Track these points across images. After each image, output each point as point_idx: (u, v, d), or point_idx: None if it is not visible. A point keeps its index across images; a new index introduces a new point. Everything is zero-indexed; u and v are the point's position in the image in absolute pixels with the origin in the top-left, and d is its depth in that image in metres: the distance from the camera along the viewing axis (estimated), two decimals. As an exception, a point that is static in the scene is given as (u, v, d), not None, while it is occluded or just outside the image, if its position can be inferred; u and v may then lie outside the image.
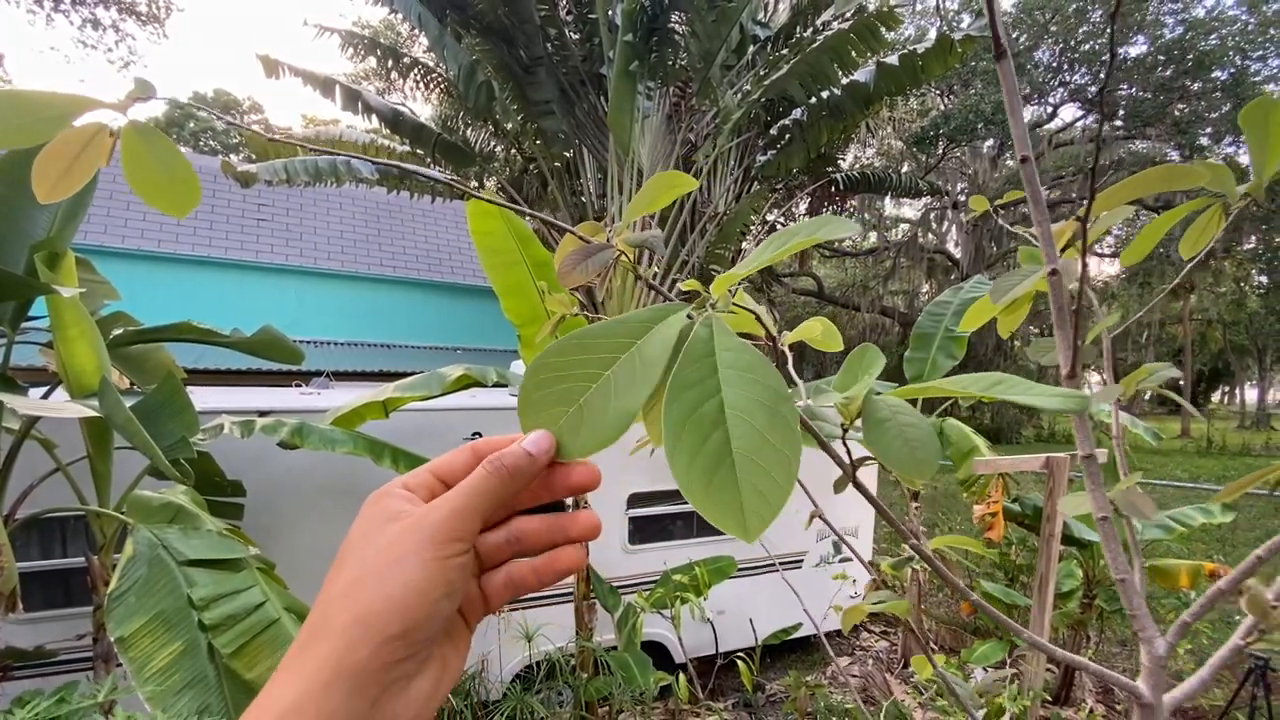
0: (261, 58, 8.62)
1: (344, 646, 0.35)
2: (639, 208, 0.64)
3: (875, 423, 0.44)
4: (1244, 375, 31.69)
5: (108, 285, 2.81)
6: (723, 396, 0.39)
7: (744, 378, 0.40)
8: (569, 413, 0.42)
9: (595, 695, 3.80)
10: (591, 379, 0.43)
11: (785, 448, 0.37)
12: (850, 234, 0.47)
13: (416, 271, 12.29)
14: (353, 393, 3.68)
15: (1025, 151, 0.59)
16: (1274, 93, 14.81)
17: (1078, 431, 0.63)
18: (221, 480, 3.03)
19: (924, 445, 0.42)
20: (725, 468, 0.37)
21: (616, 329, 0.45)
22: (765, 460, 0.37)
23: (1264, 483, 0.67)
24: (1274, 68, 14.69)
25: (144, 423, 2.00)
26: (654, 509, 4.70)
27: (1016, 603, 4.77)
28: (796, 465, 0.37)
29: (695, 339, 0.43)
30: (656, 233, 0.57)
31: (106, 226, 9.80)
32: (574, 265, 0.55)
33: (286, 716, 0.34)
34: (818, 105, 8.18)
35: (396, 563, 0.37)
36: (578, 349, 0.44)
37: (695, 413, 0.39)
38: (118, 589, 2.12)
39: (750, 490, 0.36)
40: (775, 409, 0.38)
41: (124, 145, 0.71)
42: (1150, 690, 0.59)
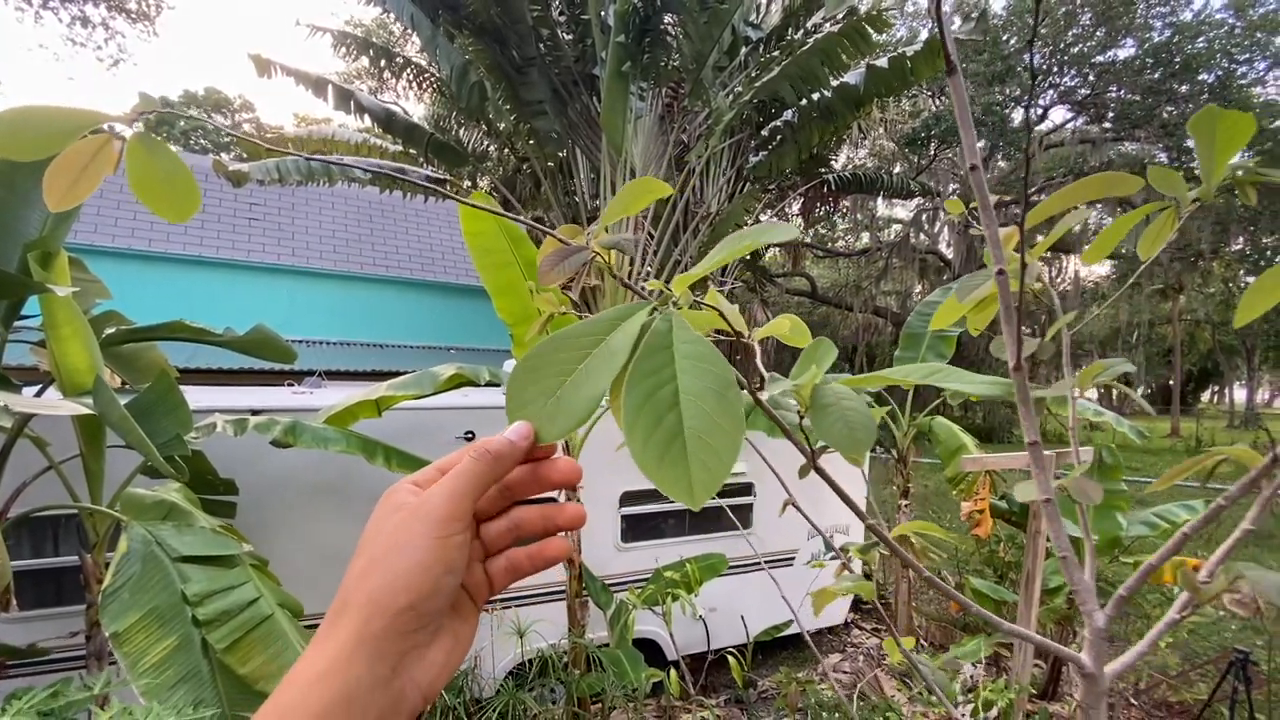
0: (253, 57, 8.60)
1: (362, 620, 0.40)
2: (615, 211, 0.68)
3: (820, 407, 0.49)
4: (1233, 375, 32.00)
5: (100, 284, 2.82)
6: (678, 383, 0.45)
7: (698, 367, 0.45)
8: (547, 403, 0.47)
9: (587, 692, 3.83)
10: (567, 372, 0.48)
11: (731, 428, 0.43)
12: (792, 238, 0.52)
13: (409, 271, 12.28)
14: (345, 392, 3.70)
15: (974, 160, 0.63)
16: (1260, 95, 14.98)
17: (1024, 421, 0.68)
18: (214, 479, 3.05)
19: (861, 427, 0.46)
20: (677, 445, 0.42)
21: (589, 327, 0.50)
22: (713, 439, 0.42)
23: (1198, 473, 0.72)
24: (1259, 71, 14.87)
25: (138, 420, 2.03)
26: (646, 507, 4.74)
27: (1005, 599, 4.83)
28: (739, 443, 0.42)
29: (654, 332, 0.48)
30: (629, 236, 0.61)
31: (98, 226, 9.75)
32: (552, 265, 0.59)
33: (316, 683, 0.39)
34: (808, 107, 8.24)
35: (402, 545, 0.42)
36: (556, 348, 0.50)
37: (652, 397, 0.44)
38: (112, 585, 2.14)
39: (698, 464, 0.41)
40: (724, 395, 0.43)
41: (129, 155, 0.75)
42: (1093, 661, 0.63)
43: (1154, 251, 1.01)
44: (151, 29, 15.79)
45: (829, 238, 23.05)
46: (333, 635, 0.41)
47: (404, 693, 0.41)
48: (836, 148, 13.12)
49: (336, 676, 0.39)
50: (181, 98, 26.05)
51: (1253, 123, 0.94)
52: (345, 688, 0.39)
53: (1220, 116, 0.92)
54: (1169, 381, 28.27)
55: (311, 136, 9.42)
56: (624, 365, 0.46)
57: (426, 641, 0.43)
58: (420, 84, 10.24)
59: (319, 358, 9.27)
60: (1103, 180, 0.70)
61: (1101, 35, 14.91)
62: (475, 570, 0.48)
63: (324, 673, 0.39)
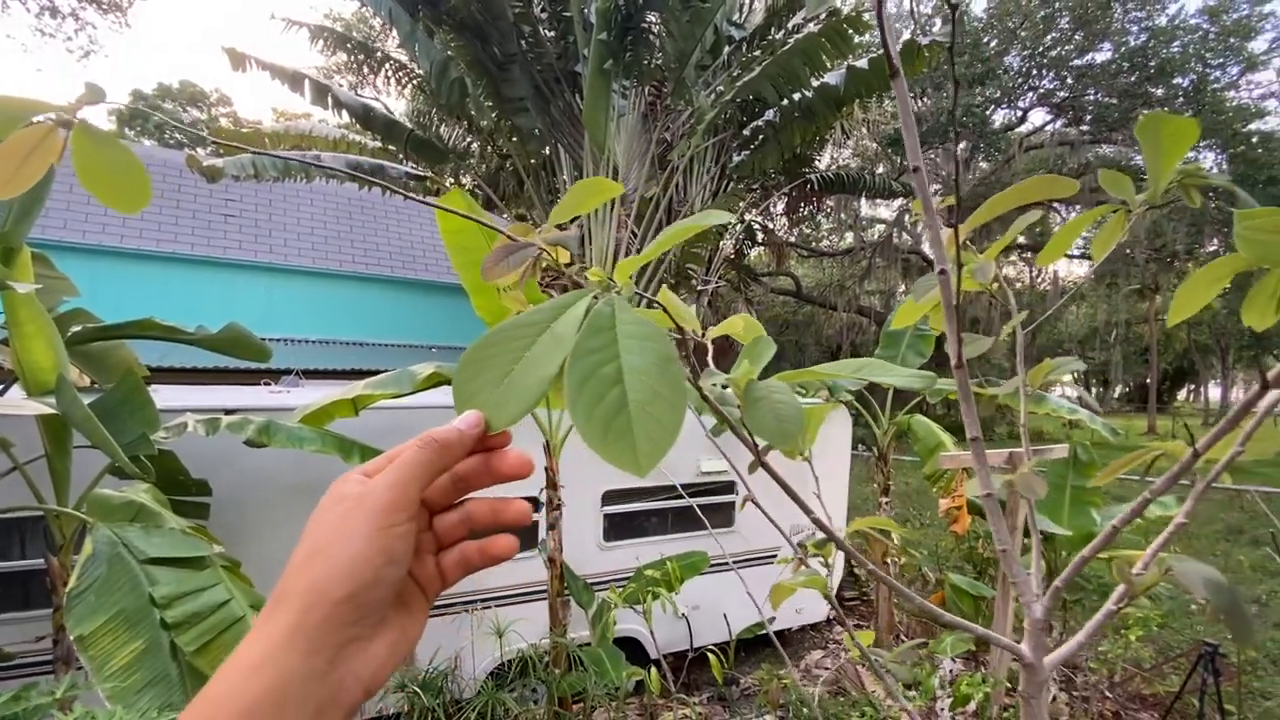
0: (228, 51, 8.46)
1: (300, 610, 0.39)
2: (564, 211, 0.68)
3: (752, 400, 0.50)
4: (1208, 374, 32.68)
5: (66, 281, 2.77)
6: (621, 360, 0.46)
7: (641, 345, 0.47)
8: (495, 392, 0.48)
9: (569, 691, 3.83)
10: (514, 360, 0.49)
11: (674, 399, 0.44)
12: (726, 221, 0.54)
13: (389, 268, 12.16)
14: (323, 391, 3.66)
15: (916, 162, 0.64)
16: (1233, 100, 15.29)
17: (965, 417, 0.69)
18: (186, 479, 3.01)
19: (790, 419, 0.47)
20: (622, 416, 0.43)
21: (534, 316, 0.51)
22: (657, 410, 0.43)
23: (1142, 465, 0.73)
24: (1232, 75, 15.18)
25: (103, 420, 1.99)
26: (628, 506, 4.74)
27: (983, 594, 4.90)
28: (683, 412, 0.44)
29: (597, 314, 0.49)
30: (572, 233, 0.61)
31: (66, 221, 9.54)
32: (496, 262, 0.59)
33: (249, 675, 0.38)
34: (790, 107, 8.28)
35: (344, 535, 0.41)
36: (503, 339, 0.50)
37: (595, 374, 0.46)
38: (76, 588, 2.10)
39: (643, 435, 0.42)
40: (666, 368, 0.45)
41: (74, 145, 0.73)
42: (1032, 651, 0.64)
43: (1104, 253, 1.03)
44: (124, 20, 15.47)
45: (813, 237, 23.19)
46: (269, 626, 0.40)
47: (343, 685, 0.40)
48: (820, 148, 13.20)
49: (271, 668, 0.38)
50: (156, 91, 25.56)
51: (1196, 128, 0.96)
52: (280, 679, 0.38)
53: (1165, 121, 0.94)
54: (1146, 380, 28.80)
55: (289, 132, 9.29)
56: (571, 349, 0.47)
57: (368, 634, 0.42)
58: (400, 80, 10.15)
59: (297, 356, 9.15)
60: (1040, 183, 0.71)
61: (1079, 39, 15.13)
62: (427, 563, 0.47)
63: (258, 664, 0.38)
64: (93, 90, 0.70)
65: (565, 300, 0.52)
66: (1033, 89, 16.42)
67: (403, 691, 3.55)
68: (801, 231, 21.28)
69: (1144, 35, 14.68)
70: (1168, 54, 14.22)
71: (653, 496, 4.78)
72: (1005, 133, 17.17)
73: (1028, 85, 16.21)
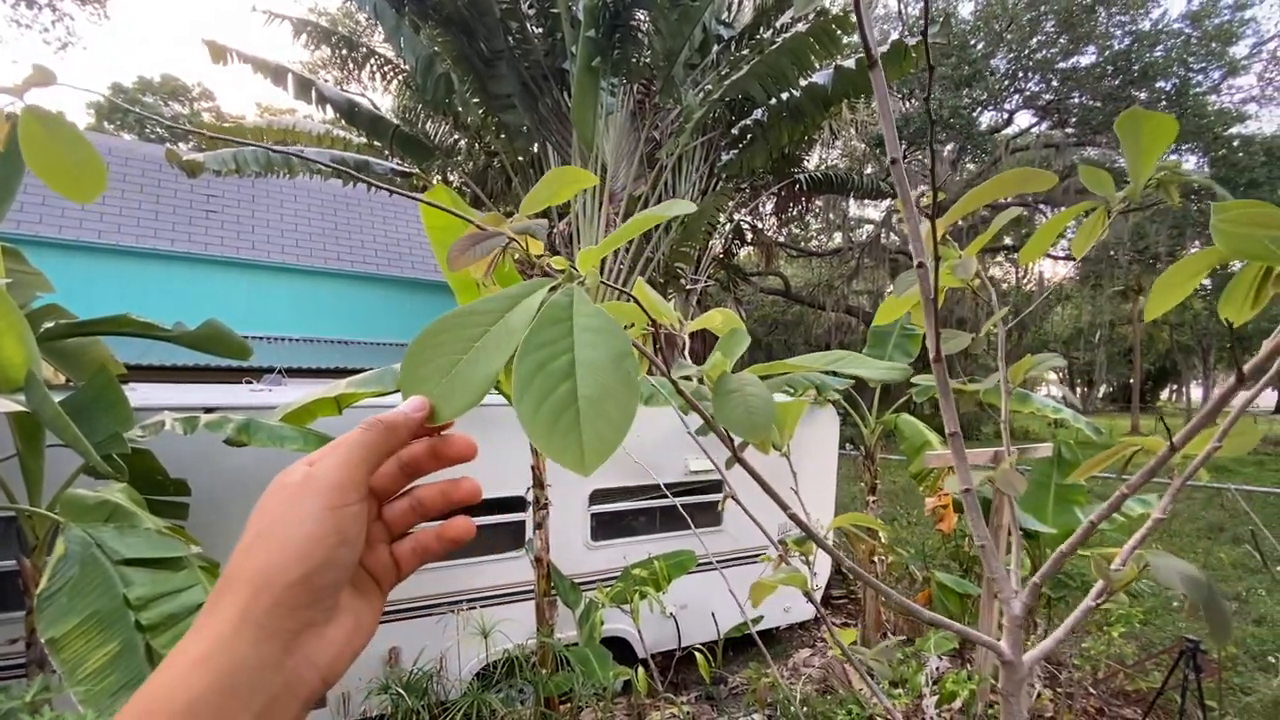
0: (208, 43, 8.34)
1: (249, 595, 0.37)
2: (536, 200, 0.66)
3: (723, 393, 0.49)
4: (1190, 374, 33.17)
5: (40, 276, 2.71)
6: (574, 354, 0.44)
7: (596, 339, 0.45)
8: (442, 382, 0.46)
9: (556, 691, 3.81)
10: (463, 350, 0.47)
11: (625, 396, 0.42)
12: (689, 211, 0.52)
13: (373, 266, 12.06)
14: (306, 389, 3.61)
15: (895, 154, 0.63)
16: (1214, 103, 15.52)
17: (944, 413, 0.68)
18: (164, 479, 2.95)
19: (760, 412, 0.46)
20: (570, 413, 0.42)
21: (487, 304, 0.49)
22: (607, 407, 0.42)
23: (1119, 460, 0.73)
24: (1214, 80, 15.41)
25: (75, 418, 1.94)
26: (616, 505, 4.73)
27: (969, 592, 4.93)
28: (633, 410, 0.42)
29: (553, 305, 0.47)
30: (540, 223, 0.60)
31: (42, 216, 9.36)
32: (462, 250, 0.57)
33: (194, 667, 0.35)
34: (778, 106, 8.30)
35: (292, 518, 0.40)
36: (454, 326, 0.49)
37: (545, 368, 0.44)
38: (48, 589, 2.06)
39: (591, 432, 0.41)
40: (619, 364, 0.43)
41: (22, 130, 0.70)
42: (1011, 649, 0.64)
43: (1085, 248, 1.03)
44: (102, 11, 15.22)
45: (802, 237, 23.28)
46: (214, 616, 0.37)
47: (299, 674, 0.38)
48: (808, 148, 13.24)
49: (218, 659, 0.36)
50: (136, 84, 25.15)
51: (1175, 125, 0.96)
52: (228, 670, 0.36)
53: (1145, 118, 0.93)
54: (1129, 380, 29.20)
55: (272, 127, 9.18)
56: (522, 341, 0.45)
57: (323, 619, 0.40)
58: (385, 75, 10.05)
59: (279, 354, 9.05)
60: (1017, 176, 0.70)
61: (1064, 42, 15.29)
62: (380, 552, 0.46)
63: (204, 655, 0.36)
64: (41, 72, 0.67)
65: (522, 289, 0.50)
66: (1019, 91, 16.58)
67: (387, 693, 3.52)
68: (790, 231, 21.35)
69: (1128, 39, 14.86)
70: (1151, 58, 14.40)
71: (640, 496, 4.77)
72: (991, 135, 17.32)
73: (1014, 88, 16.36)
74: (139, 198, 10.48)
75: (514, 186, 10.06)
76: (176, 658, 0.37)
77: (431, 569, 3.71)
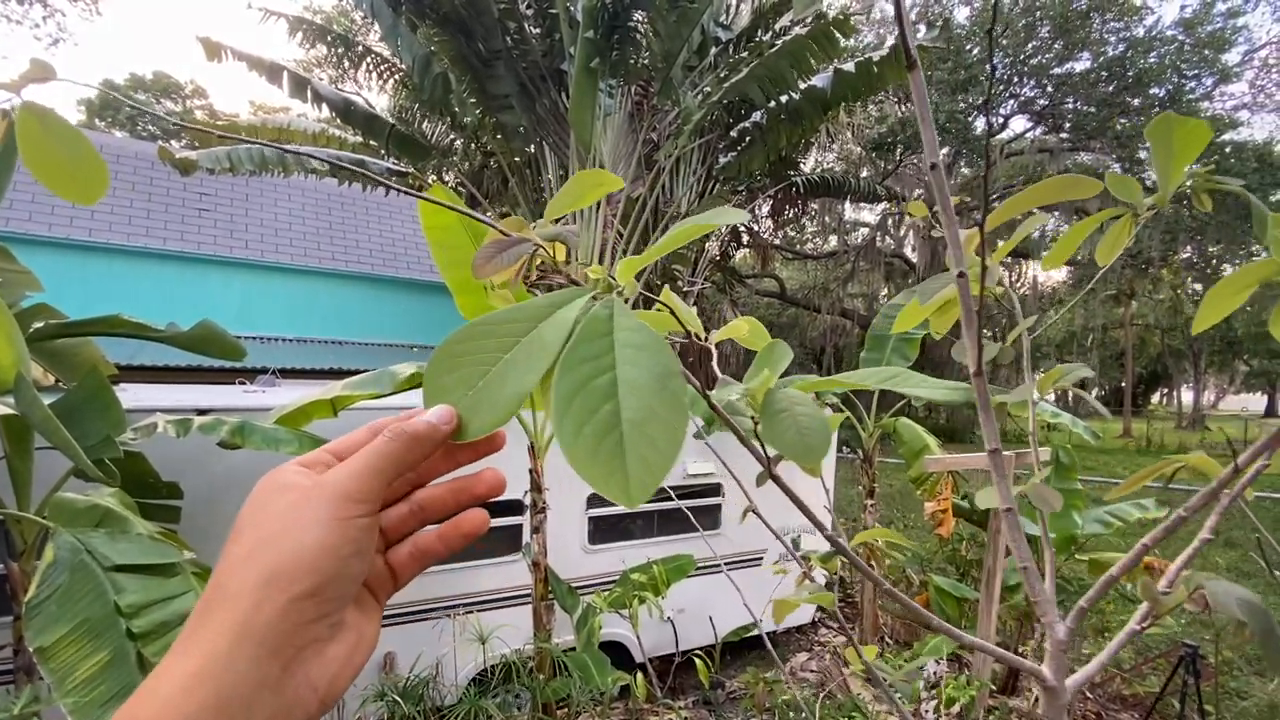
0: (203, 40, 8.26)
1: (249, 607, 0.34)
2: (561, 205, 0.63)
3: (772, 413, 0.45)
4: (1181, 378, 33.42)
5: (29, 275, 2.65)
6: (617, 372, 0.40)
7: (639, 356, 0.41)
8: (468, 395, 0.43)
9: (553, 697, 3.77)
10: (491, 362, 0.43)
11: (673, 419, 0.39)
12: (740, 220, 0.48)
13: (369, 266, 11.98)
14: (301, 391, 3.57)
15: (934, 158, 0.61)
16: (1207, 110, 15.65)
17: (985, 428, 0.65)
18: (156, 482, 2.90)
19: (815, 433, 0.43)
20: (613, 437, 0.38)
21: (519, 313, 0.46)
22: (653, 430, 0.38)
23: (1161, 476, 0.70)
24: (1207, 86, 15.53)
25: (65, 421, 1.90)
26: (614, 509, 4.69)
27: (966, 596, 4.93)
28: (682, 436, 0.38)
29: (593, 318, 0.44)
30: (571, 228, 0.57)
31: (32, 214, 9.25)
32: (488, 258, 0.54)
33: (186, 689, 0.32)
34: (776, 109, 8.29)
35: (300, 524, 0.36)
36: (482, 334, 0.45)
37: (587, 386, 0.40)
38: (36, 597, 2.01)
39: (636, 459, 0.37)
40: (666, 384, 0.40)
41: (19, 128, 0.67)
42: (1054, 674, 0.61)
43: (1112, 257, 1.00)
44: (94, 7, 15.07)
45: (797, 240, 23.33)
46: (205, 630, 0.34)
47: (297, 695, 0.35)
48: (805, 151, 13.26)
49: (213, 679, 0.32)
50: (128, 81, 24.95)
51: (1208, 130, 0.93)
52: (223, 691, 0.32)
53: (1177, 123, 0.91)
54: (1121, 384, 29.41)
55: (266, 125, 9.10)
56: (556, 357, 0.42)
57: (326, 636, 0.37)
58: (381, 74, 9.99)
59: (273, 355, 8.97)
60: (1061, 183, 0.68)
61: (1059, 48, 15.38)
62: (375, 561, 0.43)
63: (196, 675, 0.32)
64: (40, 66, 0.63)
65: (556, 299, 0.46)
66: (1014, 96, 16.66)
67: (382, 700, 3.47)
68: (786, 234, 21.38)
69: (1122, 45, 14.96)
70: (1145, 64, 14.51)
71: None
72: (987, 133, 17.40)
73: (1009, 93, 16.44)
74: (131, 196, 10.37)
75: (510, 187, 10.01)
76: (163, 676, 0.33)
77: (428, 573, 3.66)
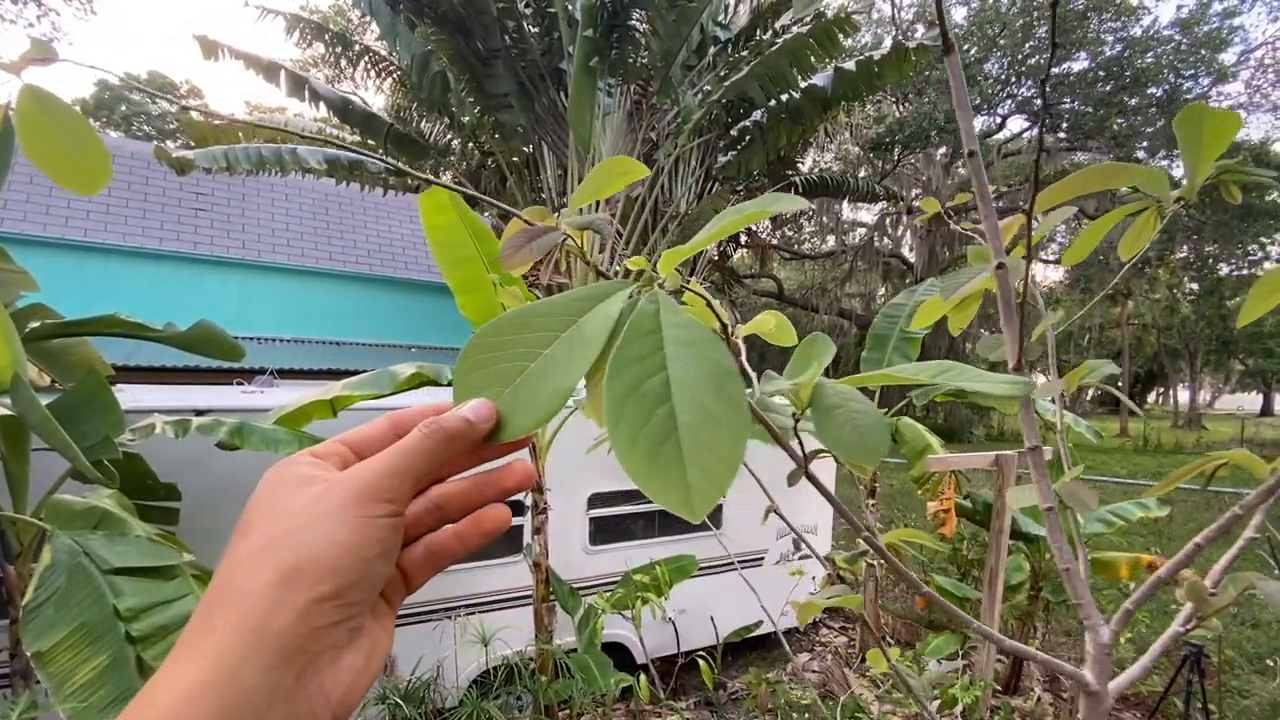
0: (199, 38, 8.22)
1: (264, 608, 0.31)
2: (587, 194, 0.61)
3: (824, 410, 0.42)
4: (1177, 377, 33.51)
5: (25, 275, 2.62)
6: (668, 372, 0.37)
7: (691, 354, 0.38)
8: (504, 393, 0.40)
9: (555, 699, 3.75)
10: (529, 358, 0.41)
11: (733, 424, 0.36)
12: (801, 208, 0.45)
13: (368, 266, 11.92)
14: (299, 391, 3.54)
15: (973, 146, 0.58)
16: (1202, 109, 15.69)
17: (1024, 424, 0.63)
18: (154, 483, 2.86)
19: (873, 432, 0.40)
20: (670, 444, 0.35)
21: (556, 306, 0.43)
22: (712, 436, 0.35)
23: (1199, 475, 0.68)
24: (1204, 86, 15.57)
25: (63, 422, 1.86)
26: (615, 509, 4.67)
27: (968, 596, 4.91)
28: (744, 442, 0.35)
29: (640, 314, 0.40)
30: (604, 216, 0.54)
31: (27, 213, 9.18)
32: (518, 247, 0.52)
33: (191, 699, 0.29)
34: (777, 108, 8.28)
35: (322, 520, 0.33)
36: (516, 327, 0.42)
37: (639, 389, 0.37)
38: (33, 601, 1.98)
39: (696, 467, 0.34)
40: (723, 385, 0.37)
41: (19, 114, 0.64)
42: (1096, 678, 0.59)
43: (1136, 252, 0.98)
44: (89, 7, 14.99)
45: (796, 240, 23.34)
46: (212, 633, 0.31)
47: (310, 708, 0.32)
48: (803, 151, 13.25)
49: (220, 688, 0.29)
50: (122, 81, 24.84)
51: (1239, 120, 0.91)
52: (233, 701, 0.29)
53: (1208, 114, 0.89)
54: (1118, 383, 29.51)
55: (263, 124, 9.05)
56: (600, 353, 0.39)
57: (344, 641, 0.34)
58: (379, 73, 9.96)
59: (272, 355, 8.92)
60: (1103, 171, 0.66)
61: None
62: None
63: (202, 683, 0.29)
64: (39, 46, 0.60)
65: (595, 292, 0.43)
66: (1011, 96, 16.69)
67: (384, 703, 3.44)
68: (784, 234, 21.40)
69: (1119, 45, 14.99)
70: (1142, 64, 14.54)
71: (640, 499, 4.71)
72: (984, 139, 17.43)
73: (1006, 92, 16.47)
74: (127, 195, 10.30)
75: (508, 186, 9.98)
76: (164, 684, 0.30)
77: (428, 575, 3.62)
